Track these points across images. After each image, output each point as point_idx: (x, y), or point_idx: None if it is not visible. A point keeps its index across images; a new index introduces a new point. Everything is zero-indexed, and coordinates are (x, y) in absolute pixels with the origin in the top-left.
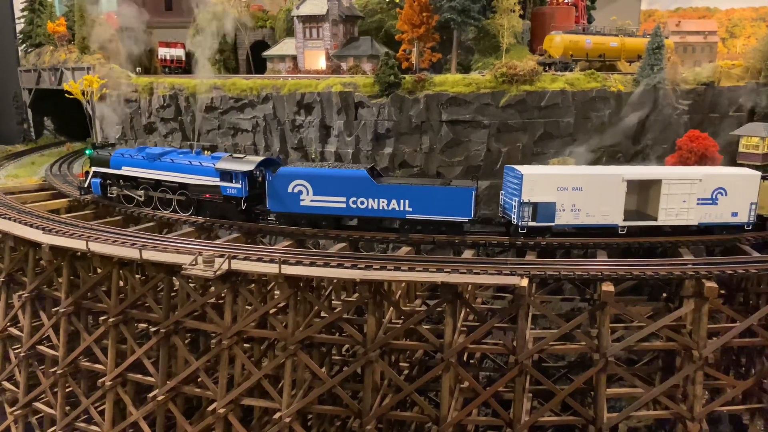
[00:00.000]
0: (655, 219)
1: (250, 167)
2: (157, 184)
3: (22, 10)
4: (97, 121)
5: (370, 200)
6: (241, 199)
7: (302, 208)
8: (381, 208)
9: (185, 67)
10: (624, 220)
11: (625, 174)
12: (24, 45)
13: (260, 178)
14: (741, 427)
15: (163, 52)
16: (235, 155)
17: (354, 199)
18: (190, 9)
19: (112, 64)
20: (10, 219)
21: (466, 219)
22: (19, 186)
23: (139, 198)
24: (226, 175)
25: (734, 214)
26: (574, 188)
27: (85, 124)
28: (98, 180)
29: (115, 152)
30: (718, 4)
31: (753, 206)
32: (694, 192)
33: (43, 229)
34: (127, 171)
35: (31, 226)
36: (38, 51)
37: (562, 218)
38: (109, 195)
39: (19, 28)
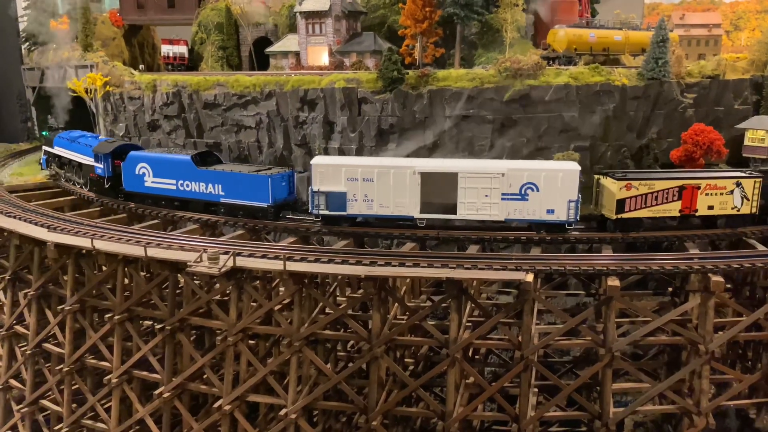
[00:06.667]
0: (455, 213)
1: (110, 150)
2: (69, 162)
3: (25, 8)
4: (100, 117)
5: (193, 183)
6: (105, 178)
7: (146, 188)
8: (201, 191)
9: (188, 64)
10: (421, 212)
11: (417, 166)
12: (27, 43)
13: None
14: (747, 421)
15: (166, 50)
16: (109, 139)
17: (181, 182)
18: (192, 6)
19: (115, 62)
20: (15, 217)
21: (264, 204)
22: (23, 184)
23: (62, 174)
24: (97, 156)
25: (550, 212)
26: (365, 179)
27: (89, 121)
28: (45, 157)
29: (57, 135)
30: None
31: (572, 204)
32: (497, 186)
33: (48, 227)
34: (57, 150)
35: (36, 224)
36: (41, 49)
37: (355, 208)
38: (50, 169)
39: (22, 26)
